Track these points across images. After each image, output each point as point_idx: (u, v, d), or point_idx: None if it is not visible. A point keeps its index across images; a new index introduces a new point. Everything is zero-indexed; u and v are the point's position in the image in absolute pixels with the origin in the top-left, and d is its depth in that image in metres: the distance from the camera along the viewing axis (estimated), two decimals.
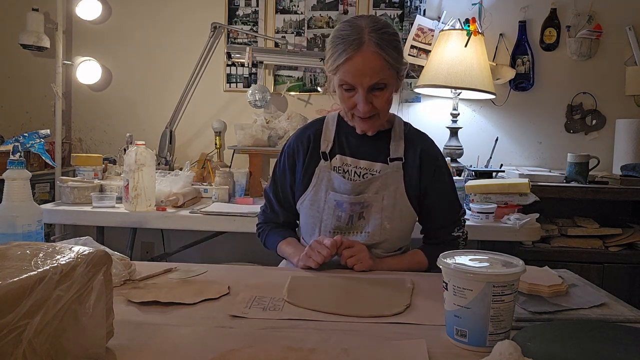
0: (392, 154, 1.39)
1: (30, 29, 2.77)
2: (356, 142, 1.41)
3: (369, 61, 1.25)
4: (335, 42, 1.28)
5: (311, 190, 1.40)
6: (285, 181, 1.46)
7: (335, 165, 1.39)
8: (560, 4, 2.79)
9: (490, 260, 0.88)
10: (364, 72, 1.25)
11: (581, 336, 0.82)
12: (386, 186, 1.37)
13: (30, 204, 1.12)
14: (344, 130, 1.43)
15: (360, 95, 1.27)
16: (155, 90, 2.99)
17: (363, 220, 1.37)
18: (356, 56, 1.24)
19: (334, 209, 1.37)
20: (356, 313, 0.98)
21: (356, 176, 1.38)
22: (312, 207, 1.40)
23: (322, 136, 1.43)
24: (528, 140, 2.87)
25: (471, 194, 2.15)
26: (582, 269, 2.21)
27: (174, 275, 1.20)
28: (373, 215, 1.36)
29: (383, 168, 1.38)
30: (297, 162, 1.43)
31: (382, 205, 1.36)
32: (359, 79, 1.26)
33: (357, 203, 1.36)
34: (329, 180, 1.38)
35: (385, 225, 1.36)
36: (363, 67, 1.25)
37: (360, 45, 1.24)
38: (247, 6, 2.91)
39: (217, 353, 0.79)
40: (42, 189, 2.71)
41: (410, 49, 2.80)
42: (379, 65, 1.25)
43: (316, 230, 1.40)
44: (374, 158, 1.39)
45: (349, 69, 1.26)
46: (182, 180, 2.29)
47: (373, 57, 1.25)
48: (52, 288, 0.66)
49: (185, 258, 2.76)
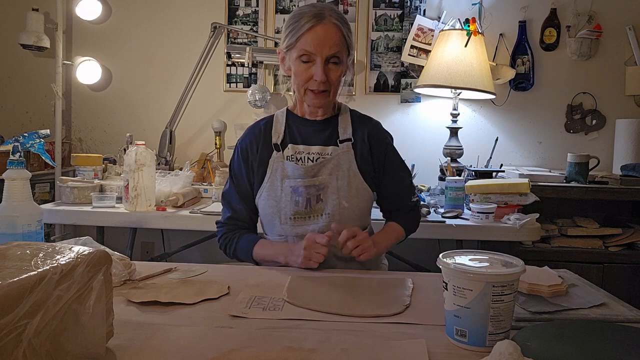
0: (341, 135, 1.46)
1: (30, 29, 2.77)
2: (306, 130, 1.46)
3: (329, 31, 1.34)
4: (297, 17, 1.37)
5: (267, 181, 1.42)
6: (242, 176, 1.46)
7: (287, 154, 1.43)
8: (560, 4, 2.79)
9: (490, 260, 0.88)
10: (324, 42, 1.33)
11: (581, 336, 0.82)
12: (339, 166, 1.42)
13: (30, 204, 1.12)
14: (294, 121, 1.48)
15: (318, 65, 1.34)
16: (155, 90, 2.99)
17: (321, 202, 1.40)
18: (318, 26, 1.33)
19: (291, 194, 1.40)
20: (356, 313, 0.98)
21: (309, 161, 1.43)
22: (270, 197, 1.42)
23: (272, 129, 1.47)
24: (528, 140, 2.87)
25: (471, 194, 2.15)
26: (582, 269, 2.21)
27: (174, 275, 1.20)
28: (330, 197, 1.40)
29: (334, 150, 1.43)
30: (251, 156, 1.46)
31: (337, 185, 1.40)
32: (319, 48, 1.33)
33: (312, 186, 1.40)
34: (282, 169, 1.41)
35: (344, 204, 1.40)
36: (324, 37, 1.33)
37: (323, 18, 1.34)
38: (247, 6, 2.91)
39: (217, 353, 0.79)
40: (42, 189, 2.71)
41: (410, 49, 2.80)
42: (338, 37, 1.35)
43: (276, 219, 1.41)
44: (325, 143, 1.45)
45: (311, 38, 1.33)
46: (182, 180, 2.30)
47: (333, 28, 1.34)
48: (52, 288, 0.66)
49: (185, 258, 2.76)
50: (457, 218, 2.07)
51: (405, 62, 2.85)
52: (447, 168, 2.47)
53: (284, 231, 1.41)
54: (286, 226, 1.41)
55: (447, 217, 2.07)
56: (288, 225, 1.40)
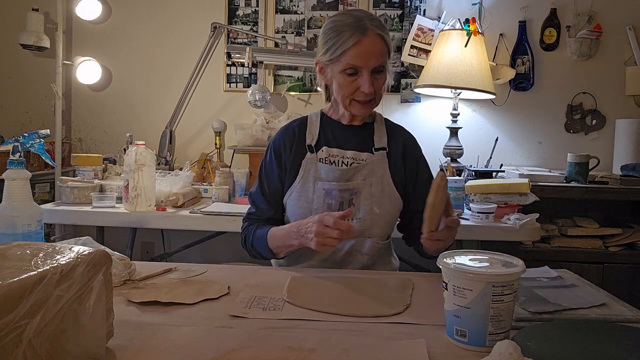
0: (377, 144, 1.46)
1: (30, 29, 2.77)
2: (341, 134, 1.46)
3: (375, 43, 1.33)
4: (339, 30, 1.34)
5: (299, 182, 1.41)
6: (273, 176, 1.45)
7: (321, 157, 1.43)
8: (560, 4, 2.79)
9: (490, 260, 0.88)
10: (371, 55, 1.32)
11: (581, 336, 0.82)
12: (373, 173, 1.42)
13: (30, 204, 1.12)
14: (328, 124, 1.48)
15: (365, 77, 1.33)
16: (155, 90, 2.99)
17: (353, 207, 1.40)
18: (364, 39, 1.31)
19: (324, 197, 1.39)
20: (356, 313, 0.98)
21: (343, 165, 1.42)
22: (301, 198, 1.41)
23: (307, 130, 1.46)
24: (528, 140, 2.87)
25: (471, 194, 2.15)
26: (582, 269, 2.21)
27: (174, 275, 1.20)
28: (363, 202, 1.40)
29: (369, 157, 1.43)
30: (284, 156, 1.45)
31: (370, 191, 1.40)
32: (366, 61, 1.32)
33: (346, 190, 1.39)
34: (315, 171, 1.41)
35: (375, 210, 1.40)
36: (371, 50, 1.32)
37: (366, 30, 1.32)
38: (247, 6, 2.91)
39: (217, 353, 0.79)
40: (42, 189, 2.71)
41: (410, 49, 2.80)
42: (382, 48, 1.34)
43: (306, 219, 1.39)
44: (360, 148, 1.44)
45: (357, 52, 1.32)
46: (182, 180, 2.30)
47: (378, 39, 1.33)
48: (52, 288, 0.66)
49: (185, 258, 2.76)
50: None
51: (405, 62, 2.85)
52: (447, 168, 2.47)
53: None
54: None
55: None
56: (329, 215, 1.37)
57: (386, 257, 1.48)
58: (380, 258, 1.45)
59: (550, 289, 1.11)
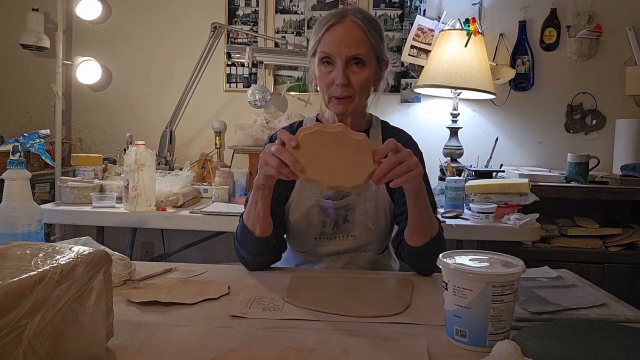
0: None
1: (30, 29, 2.77)
2: None
3: (349, 30, 1.24)
4: (318, 22, 1.29)
5: (295, 195, 1.36)
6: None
7: None
8: (560, 4, 2.79)
9: (490, 260, 0.88)
10: (343, 42, 1.23)
11: (581, 336, 0.82)
12: (367, 187, 1.34)
13: (30, 204, 1.12)
14: None
15: (338, 67, 1.24)
16: (155, 90, 2.99)
17: (348, 223, 1.36)
18: (337, 25, 1.24)
19: (318, 215, 1.35)
20: (356, 313, 0.98)
21: None
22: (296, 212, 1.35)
23: None
24: (528, 140, 2.87)
25: (471, 194, 2.15)
26: (582, 269, 2.21)
27: (174, 275, 1.20)
28: (357, 218, 1.35)
29: None
30: None
31: (365, 207, 1.35)
32: (337, 49, 1.24)
33: (341, 207, 1.35)
34: (312, 186, 1.34)
35: (370, 226, 1.35)
36: (343, 36, 1.24)
37: (343, 17, 1.25)
38: (247, 6, 2.91)
39: (217, 353, 0.79)
40: (42, 189, 2.71)
41: (410, 49, 2.81)
42: (359, 37, 1.24)
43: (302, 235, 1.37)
44: None
45: (328, 39, 1.25)
46: (182, 180, 2.30)
47: (353, 26, 1.24)
48: (52, 288, 0.66)
49: (185, 258, 2.76)
50: (457, 218, 2.07)
51: (405, 62, 2.85)
52: (447, 168, 2.47)
53: (307, 248, 1.38)
54: (310, 245, 1.37)
55: (447, 217, 2.07)
56: (312, 244, 1.36)
57: (385, 264, 1.46)
58: (379, 267, 1.42)
59: (550, 289, 1.11)
